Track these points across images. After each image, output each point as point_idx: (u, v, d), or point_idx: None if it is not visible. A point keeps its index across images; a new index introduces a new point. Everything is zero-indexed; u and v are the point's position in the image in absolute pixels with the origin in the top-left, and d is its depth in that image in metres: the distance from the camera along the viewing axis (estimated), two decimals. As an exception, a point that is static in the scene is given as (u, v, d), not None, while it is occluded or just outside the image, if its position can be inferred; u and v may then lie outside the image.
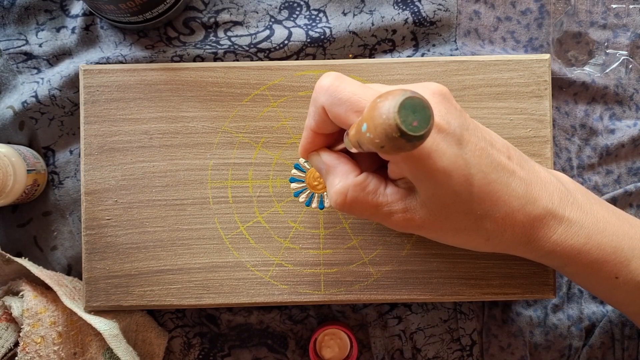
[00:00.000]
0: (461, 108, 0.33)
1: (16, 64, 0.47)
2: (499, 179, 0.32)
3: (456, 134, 0.31)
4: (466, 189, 0.32)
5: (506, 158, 0.33)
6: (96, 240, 0.43)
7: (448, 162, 0.31)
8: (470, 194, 0.32)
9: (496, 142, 0.34)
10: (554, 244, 0.34)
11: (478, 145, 0.32)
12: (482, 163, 0.32)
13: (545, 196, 0.34)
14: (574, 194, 0.36)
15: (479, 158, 0.32)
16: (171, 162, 0.43)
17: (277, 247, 0.43)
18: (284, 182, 0.43)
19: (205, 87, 0.43)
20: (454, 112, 0.32)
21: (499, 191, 0.33)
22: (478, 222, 0.33)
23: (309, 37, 0.46)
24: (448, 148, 0.31)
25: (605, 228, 0.35)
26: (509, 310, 0.47)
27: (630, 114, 0.48)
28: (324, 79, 0.33)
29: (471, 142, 0.32)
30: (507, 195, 0.33)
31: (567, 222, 0.34)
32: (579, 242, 0.35)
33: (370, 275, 0.43)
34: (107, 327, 0.41)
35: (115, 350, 0.40)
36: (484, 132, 0.33)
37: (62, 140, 0.47)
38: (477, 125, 0.33)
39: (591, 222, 0.35)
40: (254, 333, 0.47)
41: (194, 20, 0.46)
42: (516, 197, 0.33)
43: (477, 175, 0.32)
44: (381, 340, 0.47)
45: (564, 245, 0.35)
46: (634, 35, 0.48)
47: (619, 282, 0.36)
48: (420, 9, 0.47)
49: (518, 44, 0.48)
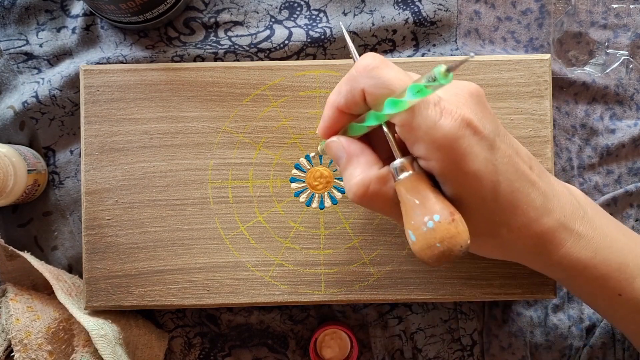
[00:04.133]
0: (494, 113, 0.33)
1: (17, 64, 0.47)
2: (521, 188, 0.32)
3: (489, 139, 0.31)
4: (492, 195, 0.31)
5: (528, 168, 0.33)
6: (97, 240, 0.43)
7: (480, 166, 0.30)
8: (495, 201, 0.32)
9: (521, 151, 0.34)
10: (561, 256, 0.34)
11: (507, 152, 0.32)
12: (509, 171, 0.32)
13: (559, 209, 0.34)
14: (584, 208, 0.36)
15: (507, 165, 0.32)
16: (171, 162, 0.43)
17: (277, 247, 0.43)
18: (285, 182, 0.43)
19: (206, 87, 0.43)
20: (489, 116, 0.32)
21: (520, 200, 0.32)
22: (495, 230, 0.33)
23: (309, 37, 0.46)
24: (481, 152, 0.30)
25: (612, 244, 0.35)
26: (510, 310, 0.47)
27: (631, 113, 0.48)
28: (366, 59, 0.31)
29: (501, 148, 0.31)
30: (526, 205, 0.33)
31: (576, 235, 0.34)
32: (586, 256, 0.35)
33: (370, 275, 0.43)
34: (96, 326, 0.40)
35: (101, 352, 0.39)
36: (511, 139, 0.33)
37: (62, 140, 0.47)
38: (506, 132, 0.33)
39: (599, 237, 0.35)
40: (255, 333, 0.47)
41: (194, 20, 0.46)
42: (534, 207, 0.33)
43: (503, 182, 0.31)
44: (381, 341, 0.47)
45: (571, 258, 0.34)
46: (634, 35, 0.48)
47: (622, 299, 0.36)
48: (420, 9, 0.47)
49: (518, 44, 0.48)
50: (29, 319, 0.41)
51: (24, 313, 0.41)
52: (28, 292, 0.43)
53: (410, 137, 0.30)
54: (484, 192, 0.31)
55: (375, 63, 0.31)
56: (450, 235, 0.29)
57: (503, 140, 0.32)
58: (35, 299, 0.43)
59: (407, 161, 0.31)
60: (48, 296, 0.44)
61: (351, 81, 0.32)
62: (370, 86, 0.31)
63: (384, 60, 0.31)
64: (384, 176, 0.32)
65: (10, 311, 0.40)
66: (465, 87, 0.32)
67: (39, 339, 0.40)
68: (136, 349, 0.44)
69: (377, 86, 0.30)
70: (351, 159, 0.33)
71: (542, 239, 0.34)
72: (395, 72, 0.31)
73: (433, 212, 0.29)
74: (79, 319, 0.40)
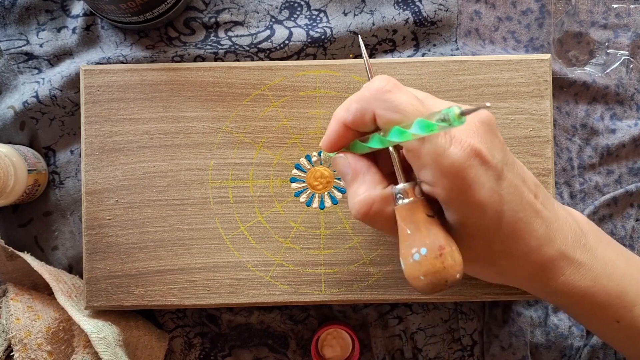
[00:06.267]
0: (504, 140, 0.33)
1: (17, 64, 0.47)
2: (525, 218, 0.32)
3: (497, 169, 0.31)
4: (495, 225, 0.32)
5: (534, 196, 0.33)
6: (97, 240, 0.43)
7: (486, 196, 0.30)
8: (497, 231, 0.32)
9: (527, 179, 0.34)
10: (560, 285, 0.34)
11: (513, 182, 0.32)
12: (514, 201, 0.32)
13: (561, 237, 0.34)
14: (586, 235, 0.36)
15: (512, 195, 0.32)
16: (172, 162, 0.43)
17: (277, 247, 0.43)
18: (285, 182, 0.43)
19: (206, 87, 0.43)
20: (498, 145, 0.32)
21: (522, 230, 0.32)
22: (496, 257, 0.33)
23: (309, 37, 0.46)
24: (487, 181, 0.30)
25: (613, 272, 0.35)
26: (510, 310, 0.47)
27: (631, 113, 0.48)
28: (380, 81, 0.32)
29: (508, 178, 0.32)
30: (528, 235, 0.33)
31: (576, 264, 0.34)
32: (585, 285, 0.35)
33: (370, 275, 0.43)
34: (95, 329, 0.40)
35: (101, 354, 0.39)
36: (518, 167, 0.33)
37: (62, 140, 0.47)
38: (515, 160, 0.33)
39: (599, 265, 0.35)
40: (255, 333, 0.47)
41: (194, 20, 0.46)
42: (536, 237, 0.33)
43: (507, 212, 0.31)
44: (382, 341, 0.47)
45: (570, 287, 0.34)
46: (634, 35, 0.48)
47: (621, 325, 0.36)
48: (420, 9, 0.47)
49: (519, 43, 0.48)
50: (29, 319, 0.41)
51: (24, 313, 0.41)
52: (28, 292, 0.43)
53: (417, 163, 0.31)
54: (487, 222, 0.31)
55: (388, 87, 0.31)
56: (435, 270, 0.29)
57: (511, 170, 0.32)
58: (36, 299, 0.43)
59: (410, 187, 0.31)
60: (48, 296, 0.44)
61: (362, 101, 0.32)
62: (381, 109, 0.31)
63: (397, 84, 0.31)
64: (387, 196, 0.32)
65: (11, 311, 0.41)
66: (476, 114, 0.32)
67: (38, 339, 0.40)
68: (136, 349, 0.44)
69: (389, 109, 0.31)
70: (357, 177, 0.33)
71: (542, 268, 0.34)
72: (407, 97, 0.31)
73: (421, 245, 0.30)
74: (79, 322, 0.40)
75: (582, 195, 0.48)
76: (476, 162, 0.30)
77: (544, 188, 0.35)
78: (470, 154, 0.30)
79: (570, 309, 0.37)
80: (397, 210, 0.32)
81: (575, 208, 0.47)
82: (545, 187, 0.43)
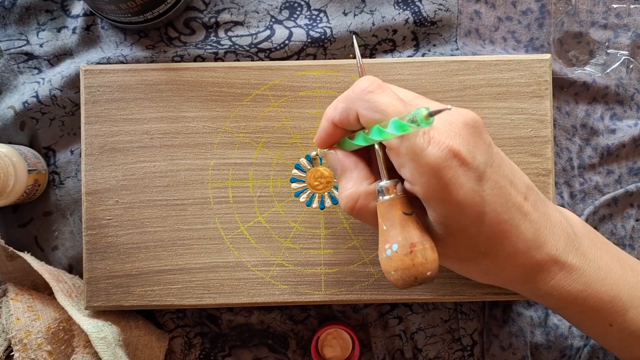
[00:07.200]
0: (490, 142, 0.33)
1: (17, 64, 0.47)
2: (510, 220, 0.32)
3: (479, 170, 0.31)
4: (476, 225, 0.32)
5: (522, 198, 0.33)
6: (97, 240, 0.43)
7: (464, 197, 0.31)
8: (478, 231, 0.32)
9: (517, 181, 0.34)
10: (551, 288, 0.35)
11: (498, 184, 0.32)
12: (498, 202, 0.32)
13: (552, 241, 0.34)
14: (580, 239, 0.36)
15: (496, 197, 0.32)
16: (172, 162, 0.43)
17: (277, 247, 0.43)
18: (285, 182, 0.43)
19: (206, 87, 0.43)
20: (482, 146, 0.32)
21: (508, 232, 0.33)
22: (480, 257, 0.34)
23: (309, 37, 0.46)
24: (467, 182, 0.31)
25: (607, 276, 0.35)
26: (510, 310, 0.47)
27: (631, 113, 0.48)
28: (364, 81, 0.33)
29: (492, 179, 0.32)
30: (514, 237, 0.33)
31: (568, 268, 0.34)
32: (577, 289, 0.35)
33: (371, 275, 0.43)
34: (95, 329, 0.40)
35: (101, 355, 0.39)
36: (506, 169, 0.33)
37: (62, 140, 0.47)
38: (502, 161, 0.33)
39: (592, 269, 0.35)
40: (255, 333, 0.47)
41: (194, 20, 0.46)
42: (523, 240, 0.33)
43: (490, 213, 0.32)
44: (382, 341, 0.47)
45: (561, 291, 0.35)
46: (634, 35, 0.48)
47: (613, 329, 0.36)
48: (420, 9, 0.47)
49: (519, 44, 0.48)
50: (29, 319, 0.41)
51: (24, 313, 0.41)
52: (29, 292, 0.43)
53: (397, 161, 0.32)
54: (466, 221, 0.32)
55: (371, 87, 0.32)
56: (404, 267, 0.30)
57: (496, 171, 0.32)
58: (36, 299, 0.43)
59: (391, 184, 0.32)
60: (48, 296, 0.44)
61: (347, 100, 0.33)
62: (363, 109, 0.32)
63: (381, 85, 0.32)
64: (371, 192, 0.34)
65: (11, 310, 0.41)
66: (461, 115, 0.32)
67: (38, 338, 0.40)
68: (136, 349, 0.44)
69: (370, 109, 0.32)
70: (345, 172, 0.35)
71: (531, 271, 0.34)
72: (389, 98, 0.32)
73: (393, 241, 0.31)
74: (79, 322, 0.40)
75: (582, 195, 0.48)
76: (455, 162, 0.30)
77: (537, 190, 0.35)
78: (448, 155, 0.30)
79: (561, 311, 0.37)
80: (378, 206, 0.33)
81: (576, 208, 0.47)
82: (545, 187, 0.43)
